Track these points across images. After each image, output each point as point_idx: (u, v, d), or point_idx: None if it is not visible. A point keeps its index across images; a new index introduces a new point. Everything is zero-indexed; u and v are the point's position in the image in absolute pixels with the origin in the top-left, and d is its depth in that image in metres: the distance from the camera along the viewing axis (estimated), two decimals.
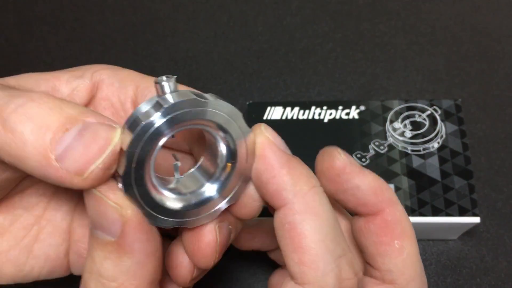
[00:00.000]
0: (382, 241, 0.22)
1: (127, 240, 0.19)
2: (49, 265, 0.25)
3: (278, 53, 0.46)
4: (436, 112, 0.36)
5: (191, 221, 0.21)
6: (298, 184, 0.19)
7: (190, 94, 0.19)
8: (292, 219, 0.19)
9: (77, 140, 0.18)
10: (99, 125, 0.18)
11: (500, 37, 0.46)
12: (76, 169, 0.18)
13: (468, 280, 0.36)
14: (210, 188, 0.22)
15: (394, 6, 0.48)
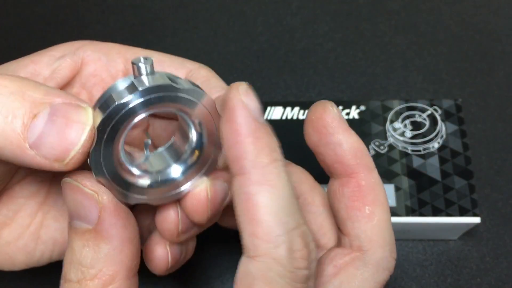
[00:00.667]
0: (354, 205, 0.22)
1: (104, 226, 0.19)
2: (58, 248, 0.26)
3: (278, 53, 0.46)
4: (436, 112, 0.36)
5: (158, 199, 0.22)
6: (259, 156, 0.19)
7: (166, 78, 0.19)
8: (247, 190, 0.18)
9: (49, 126, 0.17)
10: (68, 106, 0.18)
11: (500, 37, 0.46)
12: (55, 157, 0.18)
13: (469, 280, 0.36)
14: (176, 169, 0.22)
15: (394, 6, 0.48)
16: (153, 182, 0.21)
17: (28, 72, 0.24)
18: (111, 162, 0.19)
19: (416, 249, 0.37)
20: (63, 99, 0.18)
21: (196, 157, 0.22)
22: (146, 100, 0.18)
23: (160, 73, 0.19)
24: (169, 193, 0.22)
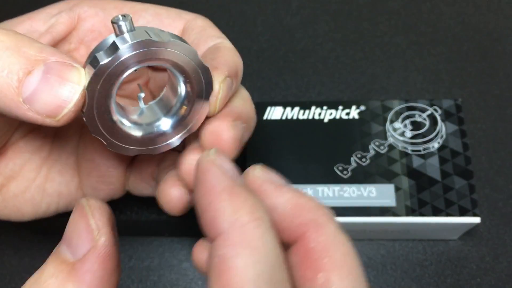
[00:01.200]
0: (306, 275, 0.17)
1: (84, 267, 0.18)
2: (64, 200, 0.26)
3: (278, 53, 0.46)
4: (436, 112, 0.36)
5: (151, 149, 0.23)
6: (238, 213, 0.16)
7: (145, 33, 0.19)
8: (223, 252, 0.16)
9: (43, 83, 0.18)
10: (62, 65, 0.18)
11: (500, 37, 0.46)
12: (48, 113, 0.18)
13: (469, 280, 0.36)
14: (166, 122, 0.23)
15: (394, 6, 0.48)
16: (146, 133, 0.22)
17: (25, 29, 0.24)
18: (105, 118, 0.20)
19: (416, 249, 0.37)
20: (57, 58, 0.18)
21: (185, 111, 0.22)
22: (128, 57, 0.19)
23: (140, 29, 0.19)
24: (161, 144, 0.23)
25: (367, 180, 0.34)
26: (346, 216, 0.33)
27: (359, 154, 0.35)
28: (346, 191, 0.34)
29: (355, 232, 0.36)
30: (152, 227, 0.36)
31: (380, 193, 0.34)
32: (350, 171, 0.35)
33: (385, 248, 0.37)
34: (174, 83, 0.23)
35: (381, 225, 0.34)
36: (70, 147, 0.27)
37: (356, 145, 0.35)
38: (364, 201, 0.34)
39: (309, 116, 0.37)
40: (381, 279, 0.36)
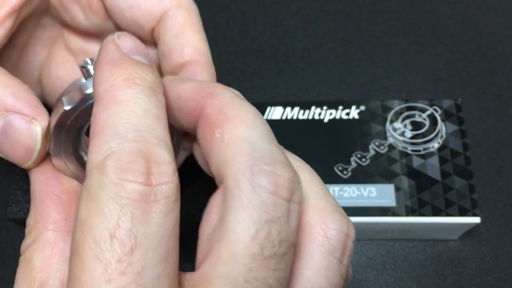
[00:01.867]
0: (205, 137, 0.18)
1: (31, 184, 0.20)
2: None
3: (278, 53, 0.46)
4: (436, 112, 0.36)
5: None
6: (114, 80, 0.16)
7: None
8: (94, 111, 0.16)
9: (3, 138, 0.19)
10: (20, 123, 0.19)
11: (500, 37, 0.46)
12: (13, 160, 0.19)
13: (469, 280, 0.36)
14: None
15: (394, 6, 0.48)
16: None
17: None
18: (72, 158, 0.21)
19: (416, 249, 0.37)
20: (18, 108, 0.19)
21: None
22: (89, 105, 0.19)
23: None
24: None
25: (367, 180, 0.34)
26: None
27: (359, 154, 0.35)
28: (346, 191, 0.34)
29: (355, 232, 0.36)
30: None
31: (380, 193, 0.34)
32: (350, 171, 0.35)
33: (385, 248, 0.38)
34: None
35: (381, 225, 0.34)
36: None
37: (356, 145, 0.35)
38: (364, 201, 0.34)
39: (309, 116, 0.37)
40: (381, 279, 0.36)
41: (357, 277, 0.37)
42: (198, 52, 0.23)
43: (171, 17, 0.23)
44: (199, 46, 0.23)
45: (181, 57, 0.23)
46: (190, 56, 0.23)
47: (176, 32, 0.23)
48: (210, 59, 0.24)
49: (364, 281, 0.36)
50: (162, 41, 0.23)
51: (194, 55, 0.23)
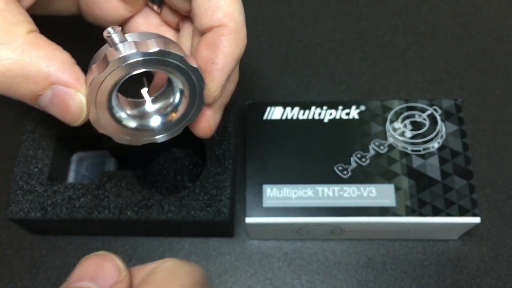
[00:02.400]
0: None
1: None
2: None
3: (278, 53, 0.46)
4: (436, 112, 0.36)
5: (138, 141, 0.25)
6: None
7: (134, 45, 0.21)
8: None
9: (51, 105, 0.22)
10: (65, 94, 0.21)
11: (500, 37, 0.46)
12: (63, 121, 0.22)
13: (468, 280, 0.36)
14: (156, 120, 0.25)
15: (394, 6, 0.48)
16: (138, 126, 0.25)
17: None
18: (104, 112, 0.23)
19: (416, 249, 0.37)
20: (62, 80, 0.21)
21: (176, 115, 0.25)
22: (118, 69, 0.21)
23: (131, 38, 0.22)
24: (147, 138, 0.26)
25: (367, 180, 0.34)
26: (346, 216, 0.33)
27: (359, 154, 0.35)
28: (346, 191, 0.34)
29: (355, 232, 0.36)
30: (152, 227, 0.36)
31: (380, 193, 0.34)
32: (350, 171, 0.35)
33: (385, 248, 0.38)
34: (170, 88, 0.25)
35: (381, 225, 0.34)
36: None
37: (356, 145, 0.35)
38: (364, 201, 0.34)
39: (309, 116, 0.37)
40: (381, 279, 0.36)
41: (357, 277, 0.37)
42: (228, 17, 0.23)
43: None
44: (229, 10, 0.23)
45: (211, 20, 0.23)
46: (219, 21, 0.23)
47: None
48: (241, 24, 0.24)
49: (364, 281, 0.36)
50: (195, 2, 0.24)
51: (224, 19, 0.23)
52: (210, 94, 0.24)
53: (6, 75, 0.20)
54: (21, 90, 0.21)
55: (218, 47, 0.23)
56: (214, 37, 0.23)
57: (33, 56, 0.20)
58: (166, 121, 0.25)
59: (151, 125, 0.25)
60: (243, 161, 0.40)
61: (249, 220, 0.33)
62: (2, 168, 0.41)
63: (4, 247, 0.38)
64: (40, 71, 0.21)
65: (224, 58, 0.23)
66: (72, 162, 0.39)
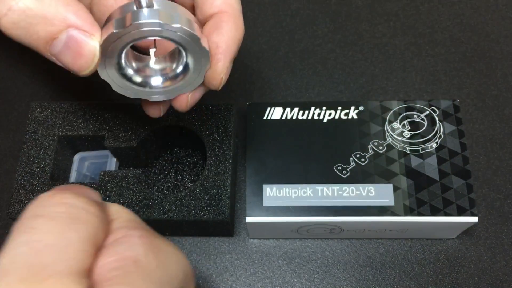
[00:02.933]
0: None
1: None
2: None
3: (278, 54, 0.46)
4: (434, 113, 0.37)
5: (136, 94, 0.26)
6: None
7: (158, 14, 0.22)
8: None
9: (65, 49, 0.22)
10: (81, 37, 0.22)
11: (498, 38, 0.46)
12: (71, 70, 0.23)
13: (467, 279, 0.37)
14: (157, 80, 0.26)
15: (393, 7, 0.48)
16: (142, 82, 0.26)
17: None
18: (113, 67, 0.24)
19: (414, 248, 0.38)
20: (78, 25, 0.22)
21: (179, 80, 0.26)
22: (137, 31, 0.22)
23: (158, 6, 0.22)
24: (144, 95, 0.26)
25: (366, 180, 0.35)
26: (345, 215, 0.33)
27: (358, 154, 0.36)
28: (345, 191, 0.34)
29: (354, 232, 0.36)
30: (153, 227, 0.36)
31: (379, 192, 0.34)
32: (349, 171, 0.35)
33: (384, 247, 0.38)
34: (176, 54, 0.26)
35: (379, 224, 0.34)
36: None
37: (355, 145, 0.36)
38: (363, 200, 0.34)
39: (309, 117, 0.37)
40: (380, 278, 0.37)
41: (356, 276, 0.37)
42: (226, 4, 0.26)
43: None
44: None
45: (211, 8, 0.25)
46: (219, 8, 0.25)
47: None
48: (238, 11, 0.26)
49: (363, 280, 0.37)
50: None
51: (223, 6, 0.25)
52: (216, 76, 0.25)
53: (26, 14, 0.21)
54: (38, 32, 0.21)
55: (220, 32, 0.25)
56: (216, 22, 0.25)
57: (53, 0, 0.22)
58: (165, 83, 0.26)
59: (151, 83, 0.26)
60: (243, 161, 0.41)
61: (249, 220, 0.34)
62: (4, 168, 0.42)
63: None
64: (58, 13, 0.21)
65: (226, 41, 0.25)
66: (74, 162, 0.39)
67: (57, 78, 0.46)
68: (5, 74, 0.46)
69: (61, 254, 0.17)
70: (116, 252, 0.19)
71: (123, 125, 0.37)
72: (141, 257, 0.19)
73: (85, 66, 0.22)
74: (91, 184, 0.35)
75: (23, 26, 0.21)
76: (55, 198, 0.19)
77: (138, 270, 0.18)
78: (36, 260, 0.16)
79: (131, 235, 0.20)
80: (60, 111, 0.38)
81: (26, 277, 0.16)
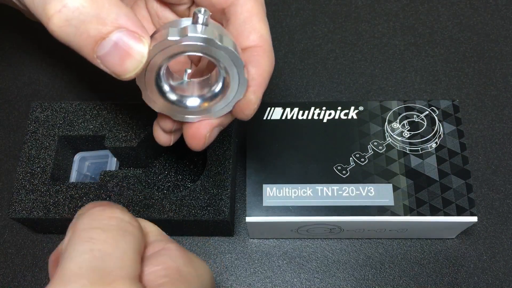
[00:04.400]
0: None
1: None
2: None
3: (278, 54, 0.46)
4: (434, 113, 0.37)
5: (173, 114, 0.27)
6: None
7: (213, 33, 0.22)
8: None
9: (113, 49, 0.22)
10: (131, 37, 0.22)
11: (497, 38, 0.46)
12: (114, 71, 0.22)
13: (466, 279, 0.37)
14: (194, 101, 0.26)
15: (392, 8, 0.48)
16: (176, 101, 0.26)
17: None
18: (151, 77, 0.24)
19: (414, 248, 0.38)
20: (130, 26, 0.22)
21: (213, 102, 0.26)
22: (189, 44, 0.22)
23: (212, 26, 0.23)
24: (182, 115, 0.27)
25: (365, 179, 0.35)
26: (345, 215, 0.34)
27: (357, 154, 0.36)
28: (345, 191, 0.34)
29: (354, 231, 0.36)
30: None
31: (379, 192, 0.34)
32: (349, 170, 0.35)
33: (384, 247, 0.38)
34: (216, 76, 0.26)
35: (379, 224, 0.34)
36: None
37: (355, 145, 0.36)
38: (362, 200, 0.34)
39: (309, 117, 0.37)
40: (380, 277, 0.37)
41: (355, 275, 0.37)
42: (262, 39, 0.26)
43: (241, 4, 0.26)
44: (263, 33, 0.26)
45: (247, 41, 0.26)
46: (255, 42, 0.26)
47: (244, 18, 0.26)
48: (271, 45, 0.27)
49: (362, 280, 0.37)
50: (232, 24, 0.26)
51: (258, 41, 0.26)
52: (251, 106, 0.26)
53: (80, 11, 0.21)
54: (89, 30, 0.21)
55: (255, 65, 0.26)
56: (252, 55, 0.26)
57: (106, 1, 0.22)
58: (202, 105, 0.26)
59: (189, 105, 0.26)
60: (243, 161, 0.41)
61: (249, 219, 0.34)
62: (5, 168, 0.42)
63: (6, 246, 0.39)
64: (111, 13, 0.22)
65: (261, 74, 0.26)
66: (74, 162, 0.40)
67: (57, 78, 0.46)
68: (5, 74, 0.46)
69: (119, 261, 0.19)
70: (161, 261, 0.21)
71: (123, 125, 0.37)
72: (182, 267, 0.21)
73: (131, 68, 0.22)
74: (92, 184, 0.35)
75: (75, 24, 0.21)
76: (106, 212, 0.21)
77: (181, 279, 0.21)
78: (100, 266, 0.18)
79: (169, 248, 0.22)
80: (60, 111, 0.38)
81: (95, 281, 0.18)
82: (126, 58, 0.22)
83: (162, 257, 0.22)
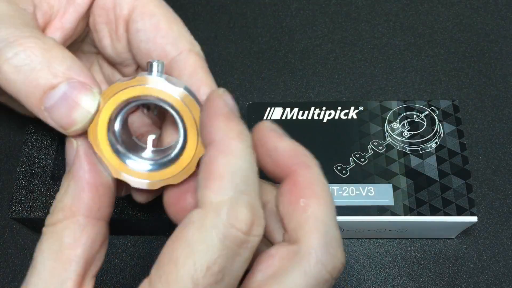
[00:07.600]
0: (290, 200, 0.22)
1: (74, 167, 0.22)
2: None
3: (278, 54, 0.46)
4: (434, 113, 0.37)
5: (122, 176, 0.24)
6: (228, 132, 0.20)
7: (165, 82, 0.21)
8: (211, 153, 0.20)
9: (62, 101, 0.21)
10: (81, 88, 0.21)
11: (497, 38, 0.46)
12: (61, 125, 0.22)
13: (466, 279, 0.37)
14: (147, 166, 0.24)
15: (392, 8, 0.48)
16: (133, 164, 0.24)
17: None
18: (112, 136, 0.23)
19: (414, 248, 0.38)
20: (81, 77, 0.21)
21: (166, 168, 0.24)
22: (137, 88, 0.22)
23: (165, 78, 0.22)
24: (135, 180, 0.24)
25: (365, 179, 0.35)
26: (345, 215, 0.34)
27: (357, 154, 0.36)
28: (345, 191, 0.34)
29: (354, 231, 0.36)
30: (153, 227, 0.36)
31: (379, 192, 0.34)
32: (349, 170, 0.35)
33: (384, 247, 0.38)
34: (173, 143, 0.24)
35: (379, 224, 0.34)
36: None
37: (354, 145, 0.36)
38: (362, 200, 0.34)
39: (309, 117, 0.37)
40: (380, 277, 0.37)
41: (355, 275, 0.37)
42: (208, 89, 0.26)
43: (183, 60, 0.26)
44: (212, 86, 0.26)
45: (198, 94, 0.25)
46: (206, 95, 0.25)
47: (190, 73, 0.26)
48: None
49: (362, 280, 0.37)
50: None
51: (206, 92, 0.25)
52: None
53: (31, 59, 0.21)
54: (38, 79, 0.21)
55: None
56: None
57: (60, 50, 0.22)
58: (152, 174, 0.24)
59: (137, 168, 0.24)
60: None
61: None
62: (5, 168, 0.42)
63: (6, 246, 0.39)
64: (63, 63, 0.21)
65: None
66: None
67: None
68: None
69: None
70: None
71: None
72: None
73: (79, 119, 0.21)
74: None
75: (24, 71, 0.21)
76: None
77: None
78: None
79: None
80: None
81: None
82: (74, 108, 0.21)
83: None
